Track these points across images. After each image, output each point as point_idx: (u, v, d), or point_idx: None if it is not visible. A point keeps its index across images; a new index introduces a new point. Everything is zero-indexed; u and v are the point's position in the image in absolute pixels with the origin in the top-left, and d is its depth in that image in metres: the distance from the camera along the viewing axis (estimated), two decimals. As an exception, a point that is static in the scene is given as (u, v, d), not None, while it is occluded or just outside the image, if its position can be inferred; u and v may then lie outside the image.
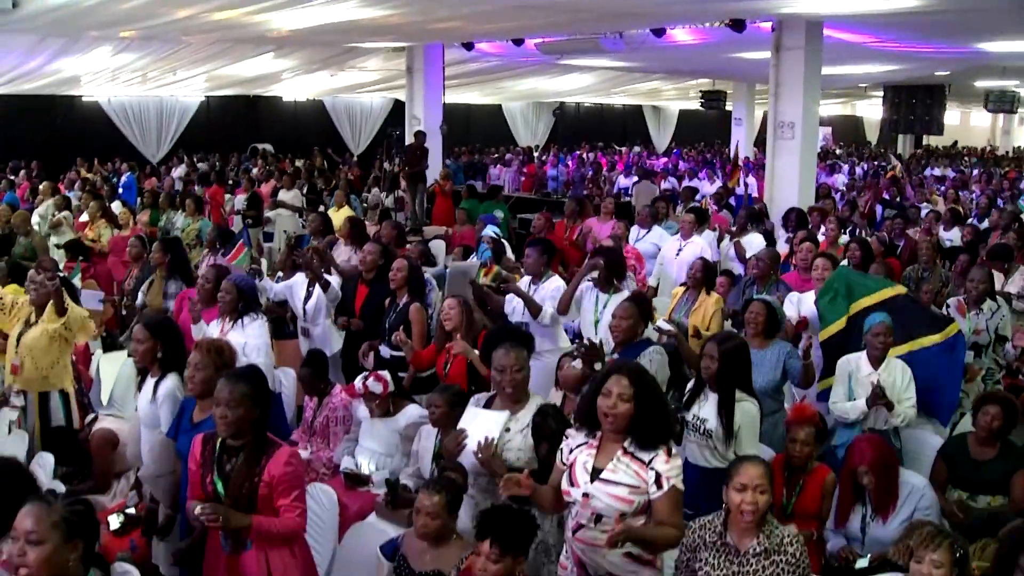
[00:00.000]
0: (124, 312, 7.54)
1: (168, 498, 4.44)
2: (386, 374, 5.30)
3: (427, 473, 4.98)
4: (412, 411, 5.38)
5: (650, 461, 3.40)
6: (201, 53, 16.67)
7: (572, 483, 3.50)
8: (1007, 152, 34.42)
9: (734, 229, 9.74)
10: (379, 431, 5.34)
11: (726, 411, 4.62)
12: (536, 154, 26.16)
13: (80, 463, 5.78)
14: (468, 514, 4.11)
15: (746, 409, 4.68)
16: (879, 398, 5.20)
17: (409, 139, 16.41)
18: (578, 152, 25.36)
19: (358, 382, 5.30)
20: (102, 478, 5.75)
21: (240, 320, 5.81)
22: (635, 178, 19.00)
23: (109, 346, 7.87)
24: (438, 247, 11.43)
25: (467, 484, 4.17)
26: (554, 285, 6.56)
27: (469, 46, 17.10)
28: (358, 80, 22.27)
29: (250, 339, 5.64)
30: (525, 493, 3.46)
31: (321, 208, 12.66)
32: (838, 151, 30.30)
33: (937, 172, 23.20)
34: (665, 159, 25.57)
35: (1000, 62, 17.30)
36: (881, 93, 23.53)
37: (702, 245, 8.86)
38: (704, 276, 7.07)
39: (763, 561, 3.35)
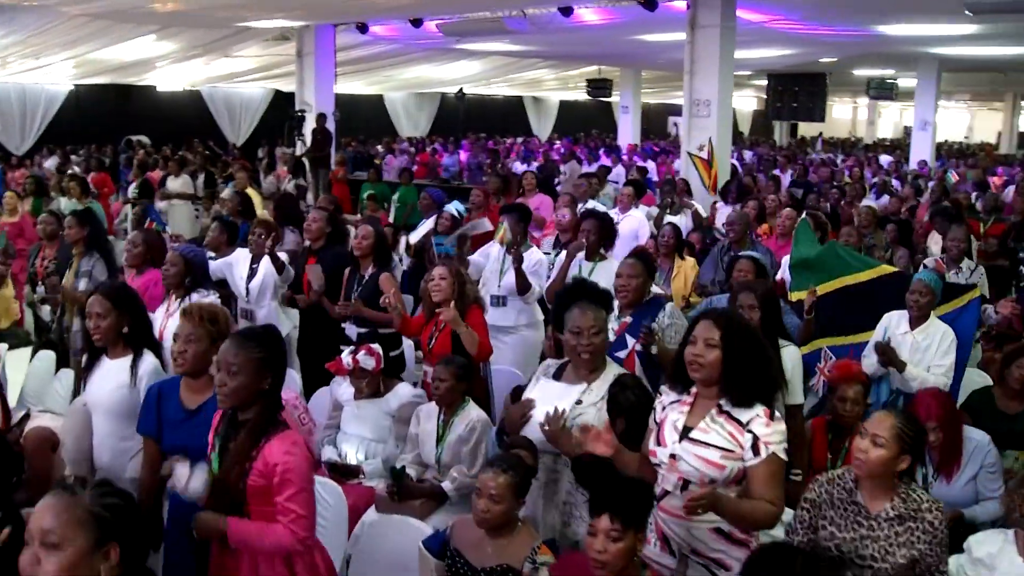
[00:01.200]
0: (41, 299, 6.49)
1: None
2: (378, 348, 4.62)
3: (430, 459, 4.37)
4: (404, 390, 4.73)
5: (748, 423, 2.96)
6: (71, 35, 15.31)
7: (659, 443, 3.07)
8: (873, 142, 35.70)
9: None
10: (367, 414, 4.65)
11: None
12: (426, 143, 25.73)
13: (10, 469, 4.88)
14: (528, 497, 3.55)
15: (791, 353, 4.40)
16: (882, 355, 4.96)
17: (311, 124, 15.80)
18: (466, 141, 24.91)
19: (346, 357, 4.59)
20: (39, 486, 4.78)
21: (188, 297, 5.00)
22: (526, 165, 18.87)
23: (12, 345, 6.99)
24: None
25: (537, 464, 3.56)
26: (535, 258, 6.17)
27: (363, 28, 16.37)
28: (237, 68, 21.13)
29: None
30: (606, 452, 2.99)
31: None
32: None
33: (820, 157, 23.92)
34: (559, 144, 25.45)
35: (895, 47, 17.76)
36: (763, 82, 23.93)
37: (640, 218, 8.83)
38: (676, 242, 7.01)
39: (896, 527, 2.94)
